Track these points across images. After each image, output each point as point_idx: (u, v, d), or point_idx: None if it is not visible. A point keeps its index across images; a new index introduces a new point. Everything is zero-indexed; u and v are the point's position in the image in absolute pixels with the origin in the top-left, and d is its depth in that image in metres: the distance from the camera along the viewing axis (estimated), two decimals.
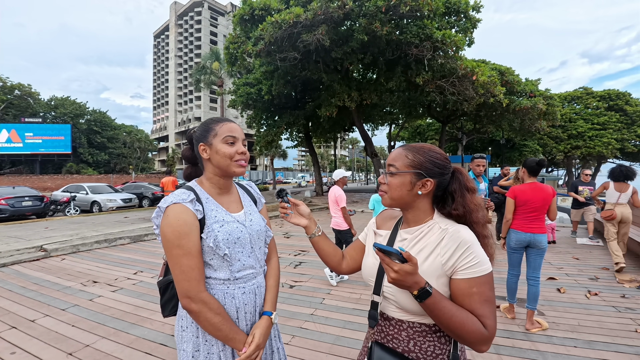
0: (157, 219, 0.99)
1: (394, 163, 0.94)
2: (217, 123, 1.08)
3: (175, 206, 0.96)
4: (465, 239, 0.84)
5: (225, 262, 1.03)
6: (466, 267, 0.82)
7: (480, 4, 12.92)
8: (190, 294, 0.95)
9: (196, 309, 0.95)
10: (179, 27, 68.54)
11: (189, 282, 0.94)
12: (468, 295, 0.81)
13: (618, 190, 4.65)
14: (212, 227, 1.01)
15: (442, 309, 0.77)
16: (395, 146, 26.54)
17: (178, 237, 0.94)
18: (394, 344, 0.91)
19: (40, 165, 33.48)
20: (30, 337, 2.69)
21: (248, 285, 1.07)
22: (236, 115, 51.63)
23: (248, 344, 1.00)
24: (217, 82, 24.11)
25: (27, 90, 36.56)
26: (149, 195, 15.87)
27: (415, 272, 0.75)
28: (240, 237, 1.06)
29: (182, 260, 0.94)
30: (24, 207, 11.02)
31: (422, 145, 0.95)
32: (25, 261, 5.09)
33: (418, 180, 0.91)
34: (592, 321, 2.92)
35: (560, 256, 5.25)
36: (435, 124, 28.81)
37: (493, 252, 0.91)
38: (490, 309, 0.80)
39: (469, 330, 0.77)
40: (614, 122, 25.92)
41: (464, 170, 0.98)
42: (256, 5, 12.43)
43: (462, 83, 12.06)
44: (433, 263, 0.85)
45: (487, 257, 0.85)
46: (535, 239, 2.89)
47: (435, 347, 0.87)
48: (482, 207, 0.94)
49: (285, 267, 4.73)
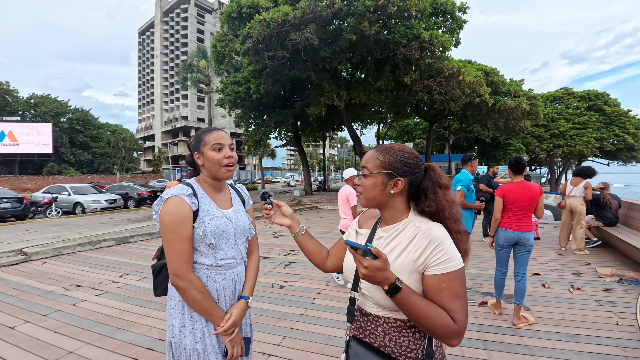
0: (157, 207, 1.18)
1: (367, 165, 0.98)
2: (206, 133, 1.26)
3: (175, 198, 1.15)
4: (437, 235, 0.86)
5: (210, 250, 1.19)
6: (437, 263, 0.84)
7: (466, 5, 13.11)
8: (178, 273, 1.12)
9: (183, 285, 1.12)
10: (164, 24, 67.10)
11: (179, 262, 1.12)
12: (438, 291, 0.83)
13: (572, 185, 5.50)
14: (203, 219, 1.18)
15: (412, 303, 0.79)
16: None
17: (174, 224, 1.12)
18: (371, 338, 0.94)
19: (19, 165, 32.33)
20: (10, 344, 2.58)
21: (229, 273, 1.24)
22: (224, 114, 51.09)
23: (226, 320, 1.18)
24: (205, 80, 23.73)
25: (5, 88, 35.23)
26: (134, 195, 15.52)
27: (385, 268, 0.77)
28: (225, 230, 1.22)
29: (175, 244, 1.12)
30: (2, 209, 10.62)
31: (392, 145, 0.99)
32: (4, 265, 4.89)
33: (389, 180, 0.94)
34: (575, 315, 3.01)
35: (544, 252, 5.40)
36: (422, 123, 29.14)
37: (467, 248, 0.94)
38: (459, 304, 0.83)
39: (438, 325, 0.79)
40: (593, 122, 26.72)
41: (437, 166, 1.01)
42: (244, 3, 12.27)
43: (449, 83, 12.21)
44: (405, 260, 0.88)
45: (458, 254, 0.87)
46: (523, 236, 2.96)
47: (410, 342, 0.90)
48: (456, 204, 0.97)
49: (275, 267, 4.70)
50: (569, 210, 5.49)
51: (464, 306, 0.83)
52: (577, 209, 5.35)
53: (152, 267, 1.40)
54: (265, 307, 3.27)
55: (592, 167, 5.51)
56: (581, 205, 5.35)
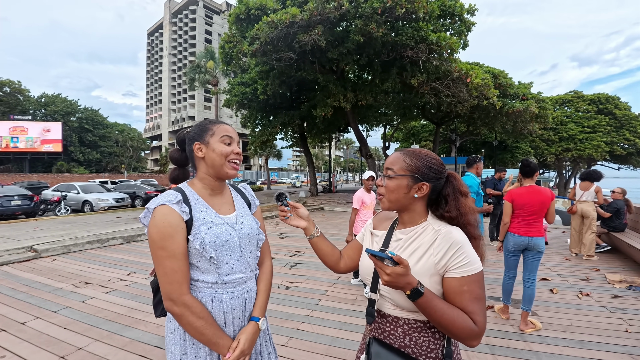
0: (144, 219, 1.00)
1: (392, 167, 0.98)
2: (213, 124, 1.10)
3: (161, 207, 0.96)
4: (457, 239, 0.88)
5: (212, 265, 1.01)
6: (457, 266, 0.86)
7: (475, 7, 13.03)
8: (172, 297, 0.94)
9: (178, 311, 0.94)
10: (173, 25, 67.88)
11: (171, 284, 0.94)
12: (459, 293, 0.85)
13: (582, 189, 5.37)
14: (199, 229, 1.00)
15: (434, 307, 0.81)
16: (389, 147, 26.66)
17: (162, 239, 0.94)
18: (390, 339, 0.95)
19: (29, 163, 32.87)
20: (21, 340, 2.63)
21: (237, 290, 1.06)
22: (231, 115, 51.38)
23: (233, 349, 0.99)
24: (212, 81, 23.94)
25: (17, 87, 35.86)
26: (141, 195, 15.69)
27: (407, 274, 0.79)
28: (228, 240, 1.04)
29: (165, 262, 0.94)
30: (12, 207, 10.82)
31: (419, 150, 1.00)
32: (14, 262, 4.99)
33: (414, 183, 0.95)
34: (584, 321, 2.97)
35: (552, 257, 5.33)
36: (429, 126, 28.99)
37: (483, 252, 0.96)
38: (479, 306, 0.85)
39: (460, 327, 0.81)
40: (603, 126, 26.36)
41: (458, 175, 1.03)
42: (252, 5, 12.37)
43: (457, 85, 12.16)
44: (426, 262, 0.89)
45: (478, 257, 0.89)
46: (533, 242, 2.90)
47: (430, 342, 0.91)
48: (475, 211, 0.99)
49: (280, 268, 4.72)
50: (580, 215, 5.38)
51: (483, 308, 0.86)
52: (589, 214, 5.25)
53: (151, 283, 1.19)
54: (271, 307, 3.28)
55: (599, 171, 5.43)
56: (592, 210, 5.26)
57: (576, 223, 5.46)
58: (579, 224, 5.43)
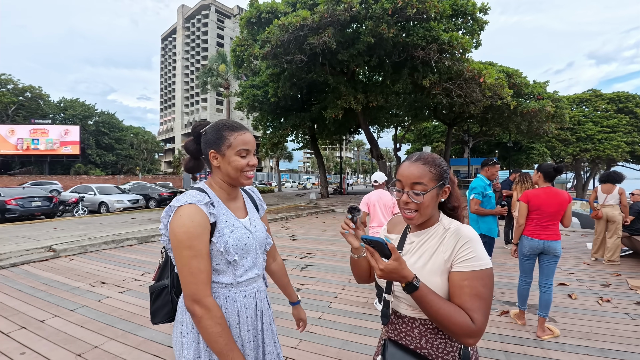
0: (166, 218, 0.98)
1: (421, 180, 0.91)
2: (231, 132, 1.04)
3: (189, 207, 0.95)
4: (465, 234, 0.89)
5: (230, 267, 1.03)
6: (461, 260, 0.86)
7: (488, 6, 12.85)
8: (196, 297, 0.93)
9: (199, 313, 0.93)
10: (186, 30, 69.26)
11: (197, 285, 0.93)
12: (459, 287, 0.84)
13: (605, 192, 5.14)
14: (223, 231, 1.01)
15: (429, 301, 0.80)
16: (400, 148, 26.45)
17: (190, 238, 0.93)
18: (406, 340, 0.95)
19: (49, 165, 33.97)
20: (40, 337, 2.71)
21: (249, 289, 1.08)
22: (242, 117, 51.91)
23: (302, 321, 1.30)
24: (224, 84, 24.30)
25: (38, 92, 37.18)
26: (155, 196, 16.00)
27: (400, 268, 0.79)
28: (247, 243, 1.06)
29: (192, 262, 0.93)
30: (33, 207, 11.17)
31: (429, 155, 0.98)
32: (34, 261, 5.15)
33: (440, 189, 0.96)
34: (604, 328, 2.86)
35: (570, 261, 5.17)
36: (441, 127, 28.66)
37: None
38: (479, 304, 0.82)
39: (455, 323, 0.79)
40: (623, 125, 25.52)
41: None
42: (263, 8, 12.51)
43: (469, 85, 11.99)
44: (436, 261, 0.90)
45: (487, 255, 0.87)
46: (550, 245, 2.81)
47: (447, 344, 0.90)
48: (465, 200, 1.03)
49: (291, 269, 4.72)
50: (605, 220, 5.15)
51: (484, 308, 0.83)
52: (615, 218, 5.03)
53: (150, 289, 1.15)
54: (282, 309, 3.28)
55: (620, 172, 5.22)
56: (618, 214, 5.05)
57: (601, 228, 5.22)
58: (603, 228, 5.20)
